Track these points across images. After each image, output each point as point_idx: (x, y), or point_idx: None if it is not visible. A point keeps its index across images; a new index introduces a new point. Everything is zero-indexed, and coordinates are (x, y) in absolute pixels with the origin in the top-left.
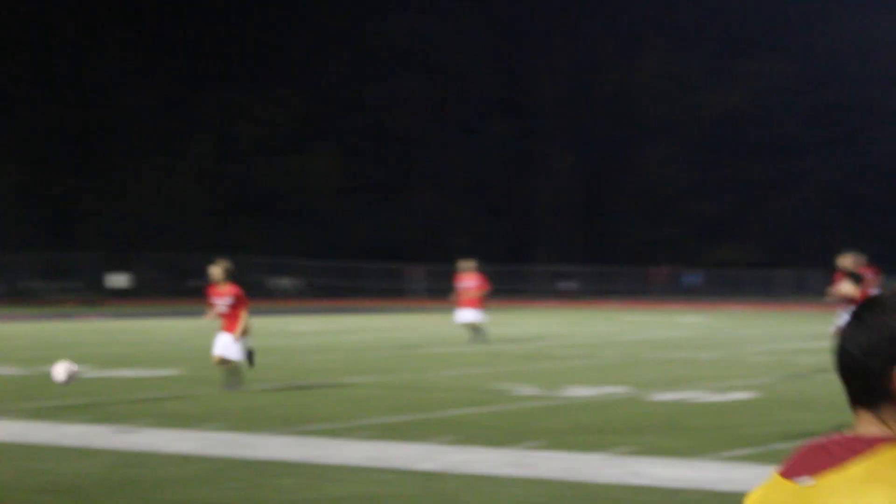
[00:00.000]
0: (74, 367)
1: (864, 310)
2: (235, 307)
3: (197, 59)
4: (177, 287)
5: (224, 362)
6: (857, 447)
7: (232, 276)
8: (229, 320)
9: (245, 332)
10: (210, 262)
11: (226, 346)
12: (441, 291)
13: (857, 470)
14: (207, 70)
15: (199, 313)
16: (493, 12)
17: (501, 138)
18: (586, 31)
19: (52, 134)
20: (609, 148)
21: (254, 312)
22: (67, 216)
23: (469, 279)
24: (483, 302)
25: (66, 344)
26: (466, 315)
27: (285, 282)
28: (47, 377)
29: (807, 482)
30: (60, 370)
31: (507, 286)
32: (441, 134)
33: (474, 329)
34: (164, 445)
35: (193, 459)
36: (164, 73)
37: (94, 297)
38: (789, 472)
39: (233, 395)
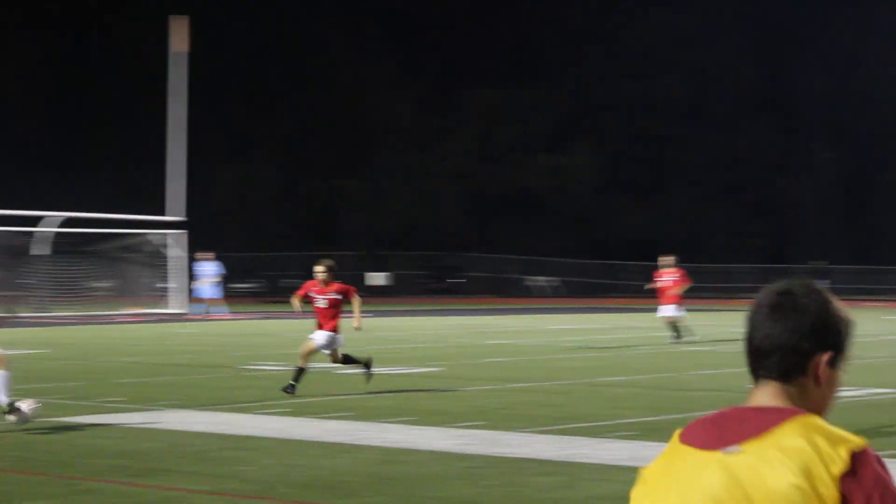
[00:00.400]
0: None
1: (791, 297)
2: (337, 305)
3: (455, 58)
4: (434, 285)
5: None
6: (774, 417)
7: (336, 275)
8: (332, 319)
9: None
10: (466, 260)
11: (330, 340)
12: (699, 290)
13: (782, 436)
14: (465, 69)
15: (457, 312)
16: (754, 8)
17: (761, 136)
18: (848, 25)
19: (312, 135)
20: (873, 144)
21: (511, 311)
22: (327, 215)
23: (669, 275)
24: (683, 299)
25: None
26: (667, 311)
27: (542, 280)
28: (309, 374)
29: (734, 450)
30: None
31: (763, 285)
32: (699, 131)
33: (675, 326)
34: (423, 443)
35: (452, 457)
36: (422, 73)
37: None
38: (701, 443)
39: (491, 393)
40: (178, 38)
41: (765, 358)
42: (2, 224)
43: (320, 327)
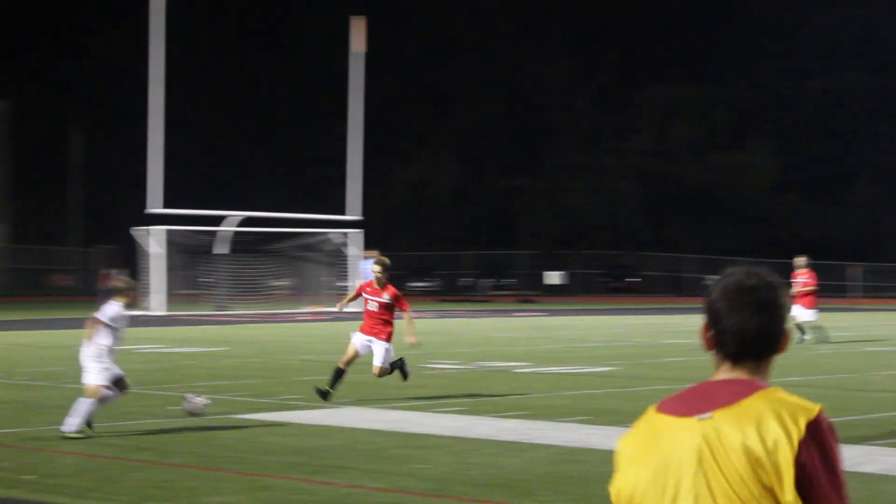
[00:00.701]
0: None
1: (765, 286)
2: (389, 311)
3: (633, 56)
4: (611, 284)
5: (382, 372)
6: (742, 389)
7: (391, 276)
8: (382, 325)
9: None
10: (642, 259)
11: (381, 355)
12: (881, 290)
13: (750, 405)
14: (643, 68)
15: (634, 311)
16: None
17: None
18: None
19: (489, 134)
20: None
21: (688, 310)
22: (505, 214)
23: (802, 276)
24: (816, 300)
25: (503, 340)
26: (800, 314)
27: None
28: (484, 373)
29: (706, 416)
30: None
31: None
32: (882, 128)
33: (804, 328)
34: (598, 442)
35: None
36: (600, 71)
37: (531, 294)
38: (674, 410)
39: (666, 393)
40: (357, 39)
41: (751, 343)
42: (185, 223)
43: (368, 331)
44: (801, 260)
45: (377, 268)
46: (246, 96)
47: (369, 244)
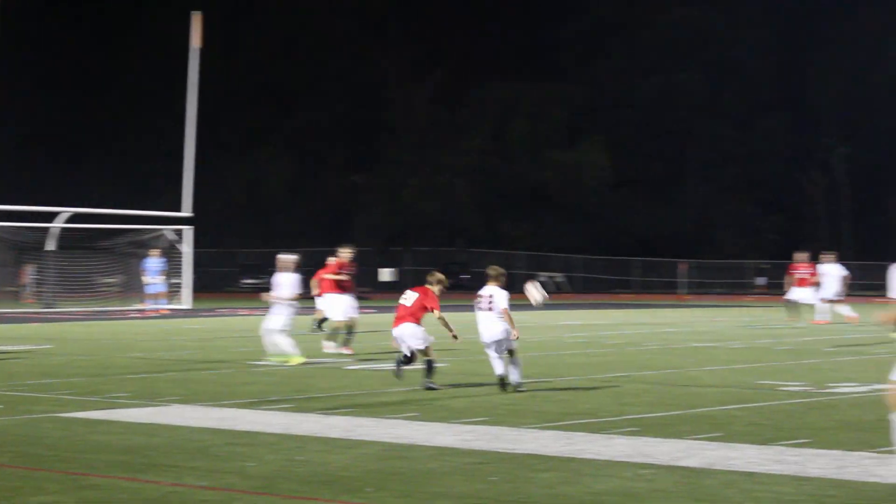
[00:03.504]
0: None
1: None
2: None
3: (470, 54)
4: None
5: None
6: None
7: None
8: (414, 314)
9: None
10: (474, 256)
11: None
12: (708, 286)
13: None
14: (480, 65)
15: (464, 307)
16: (772, 5)
17: (776, 133)
18: (864, 24)
19: (326, 130)
20: (886, 142)
21: (518, 307)
22: (341, 211)
23: (805, 268)
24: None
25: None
26: (796, 294)
27: (543, 276)
28: (313, 370)
29: None
30: (535, 294)
31: (779, 280)
32: (714, 128)
33: (797, 310)
34: (426, 439)
35: (456, 453)
36: (437, 68)
37: (365, 291)
38: None
39: (495, 389)
40: (195, 34)
41: None
42: (13, 220)
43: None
44: (802, 255)
45: (434, 280)
46: (82, 91)
47: (206, 242)
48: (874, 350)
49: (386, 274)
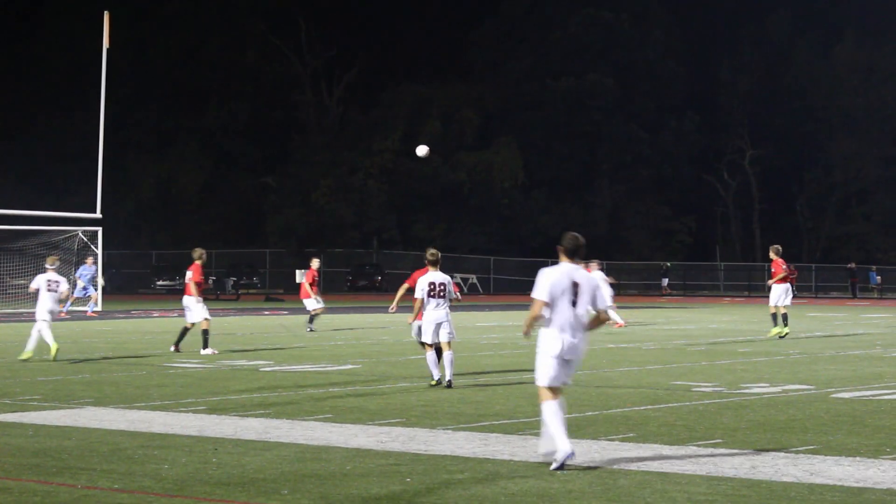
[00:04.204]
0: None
1: None
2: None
3: (382, 55)
4: (357, 283)
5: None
6: None
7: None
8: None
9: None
10: (388, 258)
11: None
12: (621, 287)
13: None
14: (392, 66)
15: (376, 309)
16: (680, 7)
17: (686, 134)
18: (773, 25)
19: (238, 131)
20: (795, 143)
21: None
22: (254, 212)
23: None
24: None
25: (249, 339)
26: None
27: (458, 277)
28: (228, 372)
29: None
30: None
31: (690, 281)
32: (624, 129)
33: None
34: (342, 440)
35: (371, 454)
36: (349, 69)
37: (278, 292)
38: None
39: (408, 390)
40: (105, 34)
41: None
42: None
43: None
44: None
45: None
46: None
47: (114, 244)
48: (787, 351)
49: (300, 275)
